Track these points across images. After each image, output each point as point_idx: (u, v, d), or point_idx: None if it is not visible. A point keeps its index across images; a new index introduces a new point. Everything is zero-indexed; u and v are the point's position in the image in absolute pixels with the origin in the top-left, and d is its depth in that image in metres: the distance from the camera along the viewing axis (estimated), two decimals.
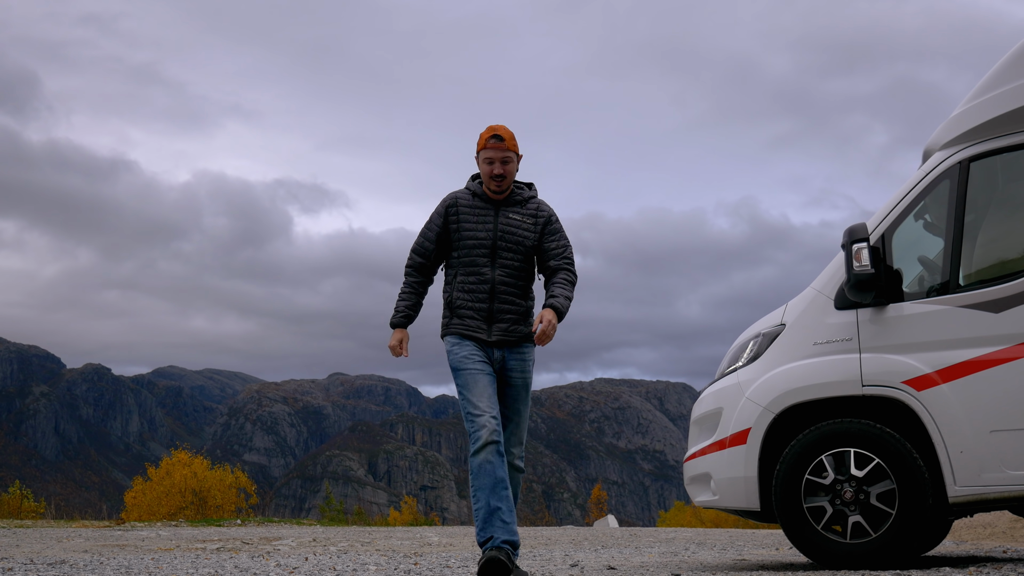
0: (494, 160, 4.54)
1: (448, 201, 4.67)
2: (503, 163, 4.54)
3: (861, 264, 4.54)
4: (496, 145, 4.53)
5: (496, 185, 4.57)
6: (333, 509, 26.78)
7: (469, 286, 4.55)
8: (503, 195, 4.62)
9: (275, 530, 11.75)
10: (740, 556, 6.85)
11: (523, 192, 4.69)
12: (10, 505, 22.76)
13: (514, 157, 4.59)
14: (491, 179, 4.56)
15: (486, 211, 4.60)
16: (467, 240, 4.57)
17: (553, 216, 4.69)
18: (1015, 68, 4.65)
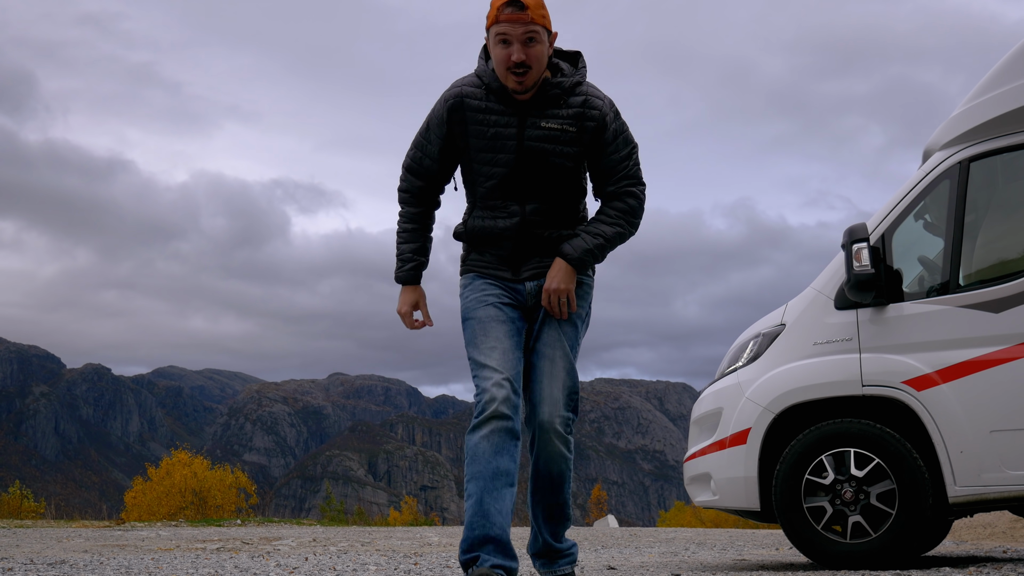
0: (510, 39, 3.14)
1: (450, 99, 3.29)
2: (525, 43, 3.14)
3: (861, 264, 4.53)
4: (513, 16, 3.13)
5: (516, 80, 3.17)
6: (333, 509, 26.79)
7: (487, 224, 3.34)
8: (529, 93, 3.22)
9: (275, 530, 11.75)
10: (740, 556, 6.85)
11: (561, 82, 3.25)
12: (10, 505, 22.77)
13: (542, 33, 3.16)
14: (508, 72, 3.17)
15: (505, 118, 3.24)
16: (480, 165, 3.30)
17: (609, 114, 3.26)
18: (1015, 68, 4.65)
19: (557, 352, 3.29)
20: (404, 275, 3.48)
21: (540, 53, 3.17)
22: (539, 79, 3.22)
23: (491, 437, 3.08)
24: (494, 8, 3.19)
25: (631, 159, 3.31)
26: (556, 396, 3.23)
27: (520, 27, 3.13)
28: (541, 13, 3.17)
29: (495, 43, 3.19)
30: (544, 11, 3.19)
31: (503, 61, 3.17)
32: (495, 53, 3.21)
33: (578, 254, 3.26)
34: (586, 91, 3.27)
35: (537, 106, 3.24)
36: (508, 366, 3.17)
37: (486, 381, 3.14)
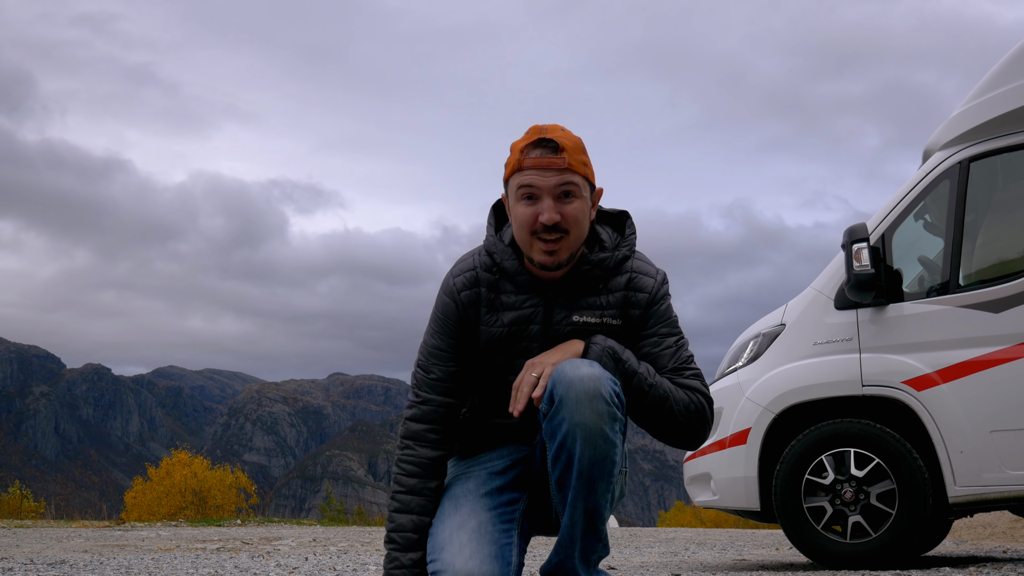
0: (539, 192, 2.28)
1: (461, 287, 2.40)
2: (560, 199, 2.28)
3: (861, 264, 4.53)
4: (544, 162, 2.27)
5: (546, 249, 2.28)
6: (333, 509, 26.77)
7: (499, 421, 2.48)
8: (562, 270, 2.33)
9: (275, 530, 11.75)
10: (740, 556, 6.85)
11: (604, 258, 2.37)
12: (10, 505, 22.75)
13: (583, 186, 2.30)
14: (534, 238, 2.29)
15: (527, 310, 2.37)
16: (492, 371, 2.43)
17: (659, 292, 2.40)
18: (1015, 68, 4.65)
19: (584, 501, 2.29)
20: (394, 572, 2.34)
21: (579, 213, 2.29)
22: (576, 251, 2.32)
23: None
24: (515, 152, 2.33)
25: (682, 348, 2.39)
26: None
27: (553, 176, 2.26)
28: (582, 160, 2.30)
29: (517, 198, 2.30)
30: (585, 156, 2.32)
31: (528, 222, 2.28)
32: (517, 212, 2.31)
33: (605, 344, 2.28)
34: (632, 267, 2.40)
35: (569, 291, 2.36)
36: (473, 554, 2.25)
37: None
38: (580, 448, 2.14)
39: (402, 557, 2.33)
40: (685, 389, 2.32)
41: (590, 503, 2.20)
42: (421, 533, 2.34)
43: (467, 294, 2.39)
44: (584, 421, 2.13)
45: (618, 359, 2.26)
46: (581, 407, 2.13)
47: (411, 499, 2.35)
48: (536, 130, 2.32)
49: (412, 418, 2.40)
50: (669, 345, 2.37)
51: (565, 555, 2.28)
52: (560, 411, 2.16)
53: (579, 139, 2.34)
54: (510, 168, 2.33)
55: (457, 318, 2.39)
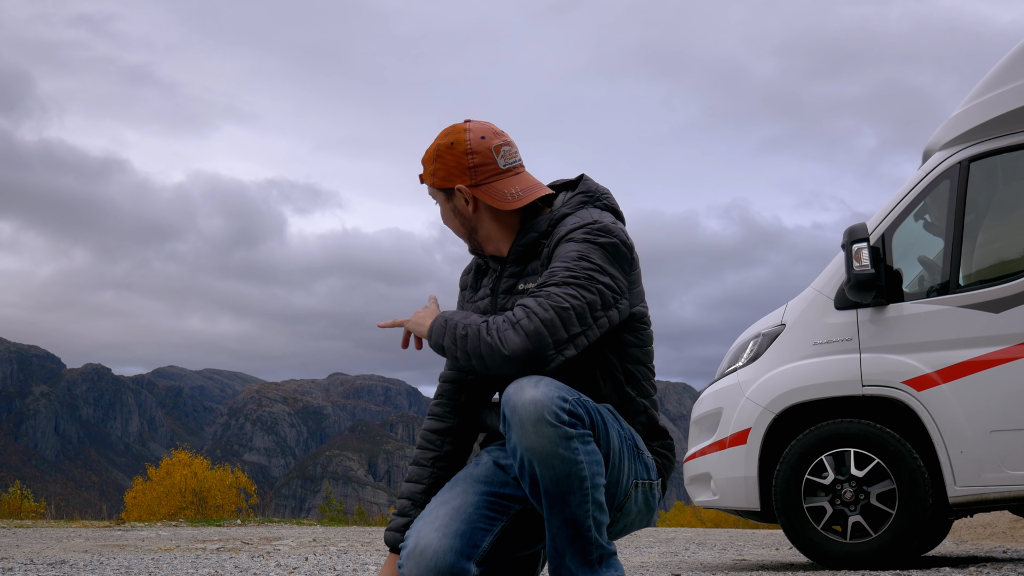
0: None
1: (462, 274, 2.74)
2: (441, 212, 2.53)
3: (861, 264, 4.53)
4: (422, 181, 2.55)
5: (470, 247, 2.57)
6: (333, 509, 26.76)
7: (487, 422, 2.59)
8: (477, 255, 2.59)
9: (275, 530, 11.75)
10: (740, 556, 6.84)
11: (536, 222, 2.46)
12: (10, 505, 22.75)
13: (434, 195, 2.53)
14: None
15: (488, 282, 2.57)
16: None
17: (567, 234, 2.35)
18: (1015, 68, 4.65)
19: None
20: (388, 536, 2.47)
21: (443, 217, 2.53)
22: (476, 240, 2.51)
23: None
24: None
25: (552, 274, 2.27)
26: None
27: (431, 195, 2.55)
28: (429, 171, 2.49)
29: None
30: (432, 165, 2.47)
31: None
32: None
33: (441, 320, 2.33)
34: (565, 221, 2.40)
35: (518, 261, 2.47)
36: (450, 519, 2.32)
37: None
38: (539, 470, 2.17)
39: (394, 523, 2.49)
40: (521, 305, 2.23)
41: (567, 514, 2.20)
42: (413, 500, 2.49)
43: (463, 279, 2.70)
44: (532, 446, 2.15)
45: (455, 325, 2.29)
46: (527, 433, 2.15)
47: (412, 469, 2.54)
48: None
49: (436, 394, 2.62)
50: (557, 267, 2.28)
51: (558, 563, 2.28)
52: (510, 435, 2.19)
53: (432, 147, 2.49)
54: None
55: (459, 299, 2.66)
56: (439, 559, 2.26)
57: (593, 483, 2.20)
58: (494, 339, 2.22)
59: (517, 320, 2.21)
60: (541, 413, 2.14)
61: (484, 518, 2.34)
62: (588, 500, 2.21)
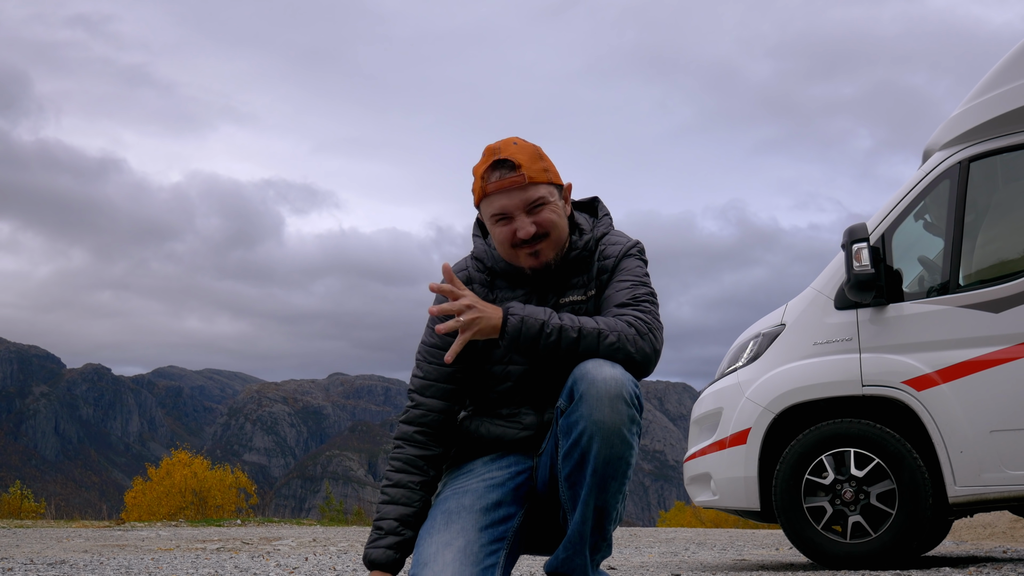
0: (510, 212, 2.35)
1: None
2: (531, 211, 2.34)
3: (861, 264, 4.53)
4: (505, 183, 2.33)
5: (530, 254, 2.38)
6: (333, 509, 26.77)
7: (495, 431, 2.50)
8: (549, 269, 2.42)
9: (275, 530, 11.75)
10: (740, 556, 6.84)
11: (588, 240, 2.46)
12: (10, 505, 22.75)
13: (550, 193, 2.37)
14: (516, 249, 2.38)
15: (522, 295, 2.45)
16: (491, 366, 2.46)
17: (624, 252, 2.47)
18: (1015, 68, 4.65)
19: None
20: (375, 553, 2.38)
21: (553, 217, 2.36)
22: (561, 247, 2.40)
23: None
24: (477, 178, 2.39)
25: (640, 288, 2.38)
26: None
27: (517, 194, 2.33)
28: (540, 167, 2.35)
29: (492, 223, 2.39)
30: (544, 163, 2.37)
31: (507, 239, 2.37)
32: (495, 233, 2.40)
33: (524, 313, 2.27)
34: (608, 240, 2.48)
35: (559, 278, 2.44)
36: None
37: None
38: (596, 446, 2.17)
39: (382, 541, 2.39)
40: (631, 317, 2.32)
41: (600, 501, 2.23)
42: (402, 521, 2.41)
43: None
44: (603, 420, 2.16)
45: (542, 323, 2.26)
46: (601, 406, 2.17)
47: (396, 491, 2.43)
48: (490, 152, 2.39)
49: (404, 420, 2.49)
50: (624, 287, 2.39)
51: (574, 551, 2.29)
52: (579, 408, 2.19)
53: (534, 147, 2.39)
54: (477, 194, 2.41)
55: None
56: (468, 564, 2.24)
57: (630, 475, 2.26)
58: (649, 342, 2.30)
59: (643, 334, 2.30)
60: (620, 390, 2.18)
61: (490, 553, 2.32)
62: (621, 491, 2.26)
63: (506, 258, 2.43)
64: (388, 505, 2.43)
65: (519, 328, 2.25)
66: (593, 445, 2.17)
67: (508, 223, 2.36)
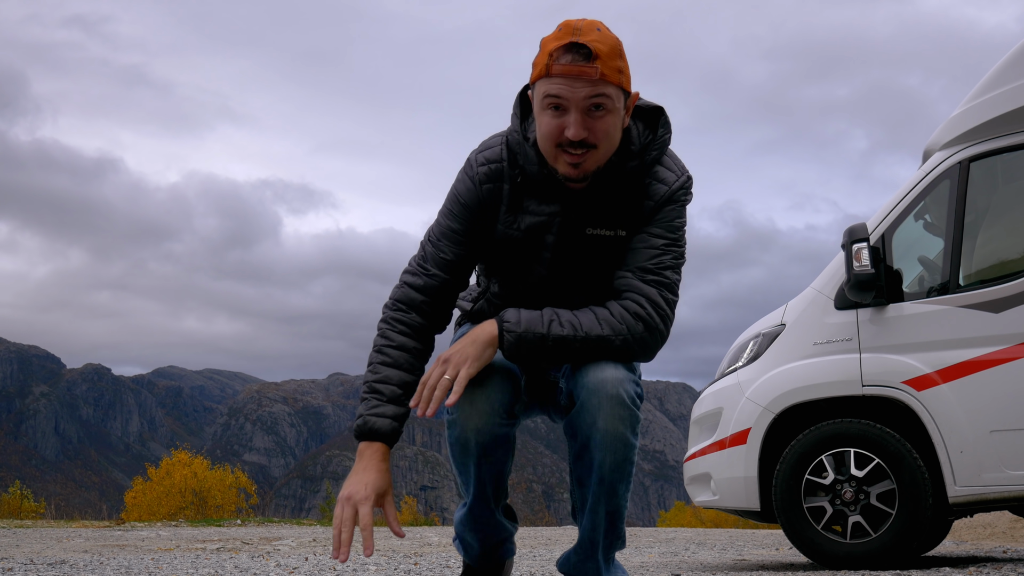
0: (566, 103, 2.06)
1: (483, 179, 2.24)
2: (588, 112, 2.07)
3: (861, 264, 4.53)
4: (574, 68, 2.04)
5: (571, 162, 2.11)
6: (333, 509, 26.78)
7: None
8: (586, 181, 2.17)
9: (275, 530, 11.75)
10: (740, 556, 6.85)
11: (634, 167, 2.21)
12: (10, 505, 22.77)
13: (616, 98, 2.08)
14: (559, 150, 2.11)
15: (541, 217, 2.24)
16: (507, 273, 2.35)
17: (670, 196, 2.23)
18: (1015, 68, 4.65)
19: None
20: (379, 422, 2.15)
21: (611, 127, 2.10)
22: (603, 163, 2.15)
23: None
24: (544, 52, 2.08)
25: (668, 253, 2.21)
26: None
27: (583, 87, 2.04)
28: (617, 66, 2.06)
29: (543, 107, 2.09)
30: (622, 62, 2.08)
31: (552, 135, 2.09)
32: (542, 121, 2.11)
33: (520, 329, 2.12)
34: (656, 174, 2.23)
35: (592, 200, 2.21)
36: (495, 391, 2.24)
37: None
38: (601, 455, 2.13)
39: (385, 409, 2.17)
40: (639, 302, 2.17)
41: (611, 505, 2.20)
42: (406, 389, 2.19)
43: (489, 187, 2.24)
44: (606, 428, 2.10)
45: (542, 336, 2.12)
46: (603, 412, 2.10)
47: (400, 355, 2.22)
48: (569, 28, 2.06)
49: (413, 286, 2.26)
50: (655, 246, 2.21)
51: (586, 555, 2.27)
52: (581, 414, 2.13)
53: (617, 41, 2.09)
54: (537, 71, 2.10)
55: (475, 207, 2.25)
56: (492, 397, 2.18)
57: (633, 471, 2.21)
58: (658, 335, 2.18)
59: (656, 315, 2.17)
60: (620, 395, 2.11)
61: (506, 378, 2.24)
62: (629, 488, 2.22)
63: (543, 151, 2.15)
64: (390, 368, 2.20)
65: (516, 344, 2.13)
66: (597, 454, 2.13)
67: (560, 115, 2.07)
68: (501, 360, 2.23)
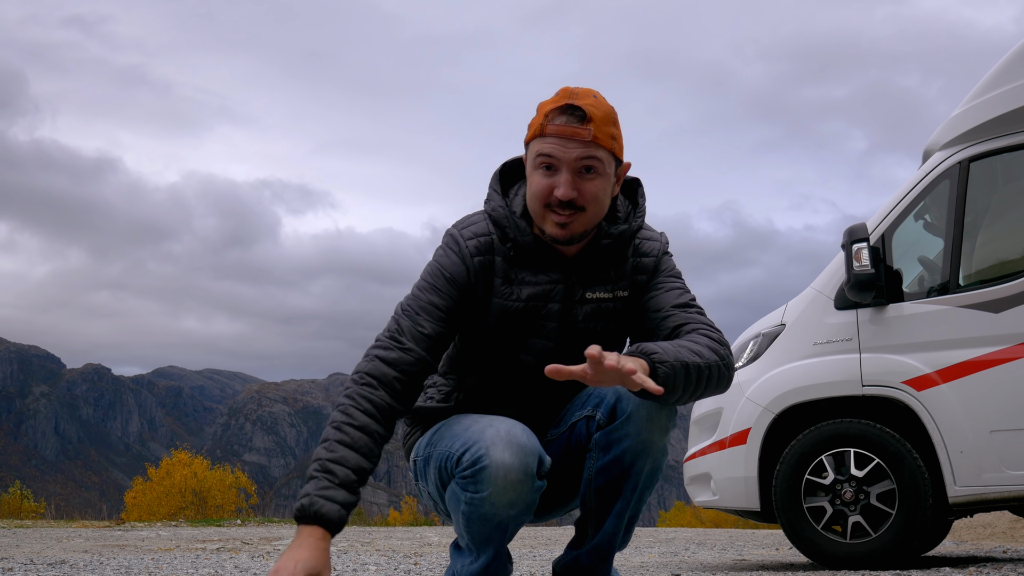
0: (558, 163, 2.11)
1: (474, 252, 2.20)
2: (579, 174, 2.11)
3: (861, 264, 4.53)
4: (566, 130, 2.09)
5: (558, 222, 2.13)
6: None
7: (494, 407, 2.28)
8: (576, 245, 2.20)
9: (275, 530, 11.75)
10: (740, 556, 6.85)
11: (622, 231, 2.24)
12: (10, 505, 22.77)
13: (607, 162, 2.13)
14: (547, 210, 2.14)
15: (545, 286, 2.20)
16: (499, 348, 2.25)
17: (663, 252, 2.31)
18: (1015, 68, 4.65)
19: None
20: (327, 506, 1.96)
21: (599, 191, 2.12)
22: (592, 228, 2.17)
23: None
24: (540, 114, 2.13)
25: (689, 293, 2.26)
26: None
27: (575, 147, 2.07)
28: (610, 132, 2.11)
29: (535, 165, 2.13)
30: (615, 129, 2.13)
31: (542, 194, 2.11)
32: (533, 180, 2.14)
33: (670, 359, 1.99)
34: (644, 238, 2.29)
35: (586, 266, 2.21)
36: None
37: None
38: (640, 463, 2.15)
39: (335, 493, 1.97)
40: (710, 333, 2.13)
41: (635, 510, 2.23)
42: (360, 476, 2.02)
43: (480, 260, 2.19)
44: (651, 439, 2.13)
45: (685, 365, 2.01)
46: (651, 426, 2.12)
47: (361, 437, 2.03)
48: (566, 93, 2.12)
49: (385, 360, 2.11)
50: (677, 287, 2.25)
51: (599, 559, 2.27)
52: (625, 427, 2.12)
53: (612, 109, 2.14)
54: (532, 131, 2.15)
55: (464, 282, 2.18)
56: (529, 437, 2.10)
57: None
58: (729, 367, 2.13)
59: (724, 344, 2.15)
60: (666, 408, 2.14)
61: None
62: (648, 496, 2.26)
63: (532, 211, 2.16)
64: (347, 449, 2.01)
65: (671, 376, 1.98)
66: (637, 462, 2.14)
67: (551, 175, 2.10)
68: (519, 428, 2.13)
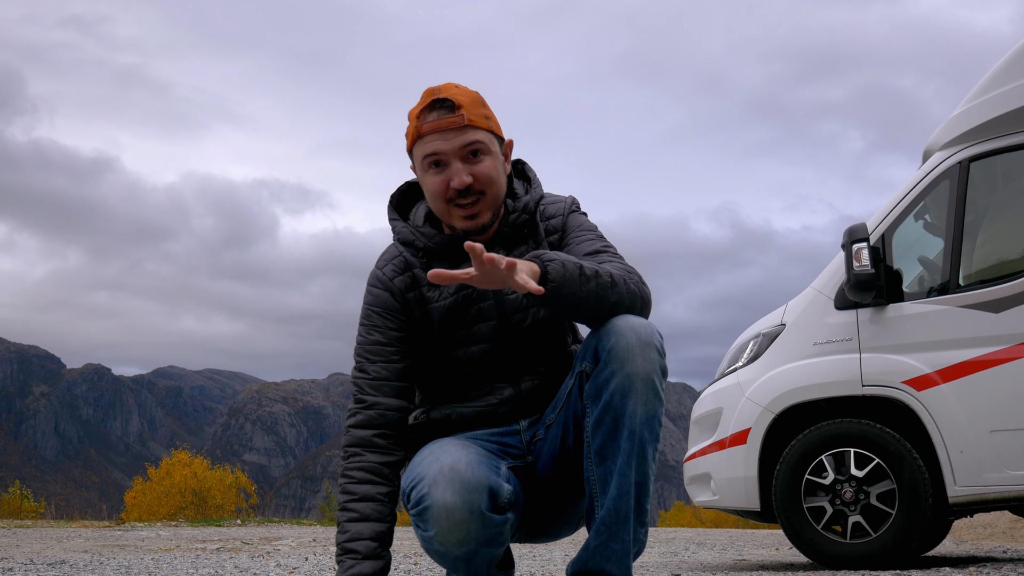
0: (444, 157, 2.11)
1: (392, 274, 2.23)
2: (469, 159, 2.12)
3: (861, 264, 4.53)
4: (442, 123, 2.11)
5: (464, 214, 2.14)
6: (333, 509, 26.77)
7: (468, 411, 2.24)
8: (489, 231, 2.20)
9: (275, 530, 11.75)
10: (740, 556, 6.85)
11: (527, 202, 2.25)
12: (10, 505, 22.79)
13: (489, 141, 2.15)
14: (450, 206, 2.14)
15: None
16: (453, 349, 2.21)
17: (569, 208, 2.30)
18: (1015, 68, 4.65)
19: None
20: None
21: (492, 171, 2.13)
22: (498, 208, 2.17)
23: None
24: (412, 119, 2.15)
25: (602, 241, 2.21)
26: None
27: (455, 136, 2.09)
28: (482, 113, 2.14)
29: (424, 168, 2.14)
30: (485, 109, 2.16)
31: (440, 191, 2.12)
32: (427, 183, 2.14)
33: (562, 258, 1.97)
34: (546, 201, 2.30)
35: (503, 245, 2.20)
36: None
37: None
38: (632, 404, 1.96)
39: (363, 566, 2.04)
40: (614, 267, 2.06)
41: (640, 472, 2.01)
42: (381, 540, 2.08)
43: (401, 280, 2.21)
44: (637, 371, 1.95)
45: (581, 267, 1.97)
46: (633, 356, 1.96)
47: (366, 506, 2.09)
48: (429, 92, 2.14)
49: (357, 424, 2.15)
50: (588, 238, 2.19)
51: (610, 535, 2.01)
52: (610, 364, 1.97)
53: (476, 93, 2.17)
54: (410, 137, 2.16)
55: (397, 307, 2.19)
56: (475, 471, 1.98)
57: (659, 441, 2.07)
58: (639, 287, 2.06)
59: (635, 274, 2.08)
60: (651, 339, 1.99)
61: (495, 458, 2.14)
62: (655, 458, 2.07)
63: (437, 212, 2.16)
64: (358, 523, 2.07)
65: (562, 273, 1.94)
66: (628, 403, 1.96)
67: (442, 171, 2.11)
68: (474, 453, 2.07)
